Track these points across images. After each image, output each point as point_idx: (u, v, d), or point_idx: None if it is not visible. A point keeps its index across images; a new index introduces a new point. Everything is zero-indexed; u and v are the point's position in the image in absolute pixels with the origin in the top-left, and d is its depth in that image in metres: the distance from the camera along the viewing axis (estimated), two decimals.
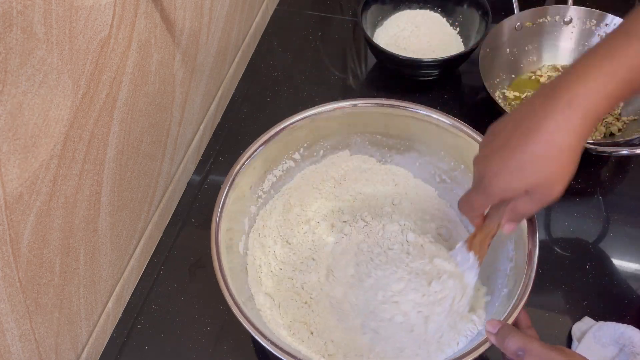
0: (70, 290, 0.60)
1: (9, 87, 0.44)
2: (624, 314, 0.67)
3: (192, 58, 0.76)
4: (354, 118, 0.73)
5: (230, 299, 0.57)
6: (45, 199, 0.52)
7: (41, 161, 0.51)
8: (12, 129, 0.46)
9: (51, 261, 0.55)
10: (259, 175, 0.70)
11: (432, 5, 0.94)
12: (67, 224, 0.57)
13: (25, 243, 0.51)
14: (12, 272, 0.50)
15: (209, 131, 0.86)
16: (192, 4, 0.72)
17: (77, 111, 0.54)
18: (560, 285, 0.70)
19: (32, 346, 0.56)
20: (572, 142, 0.48)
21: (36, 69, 0.47)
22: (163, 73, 0.69)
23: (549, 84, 0.51)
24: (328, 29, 1.00)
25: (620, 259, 0.72)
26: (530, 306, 0.67)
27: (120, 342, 0.69)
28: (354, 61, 0.96)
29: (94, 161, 0.59)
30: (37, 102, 0.48)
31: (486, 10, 0.88)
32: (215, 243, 0.61)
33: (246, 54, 0.94)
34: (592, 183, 0.78)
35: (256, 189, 0.70)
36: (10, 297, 0.51)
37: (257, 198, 0.71)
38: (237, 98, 0.91)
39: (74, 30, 0.51)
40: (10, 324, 0.52)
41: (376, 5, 0.93)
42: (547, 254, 0.72)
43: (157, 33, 0.65)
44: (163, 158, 0.74)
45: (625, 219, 0.75)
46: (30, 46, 0.46)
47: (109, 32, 0.56)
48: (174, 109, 0.74)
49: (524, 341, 0.52)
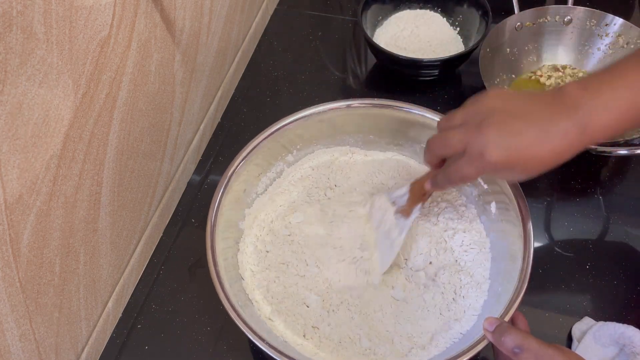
0: (70, 290, 0.60)
1: (9, 87, 0.44)
2: (624, 314, 0.67)
3: (192, 58, 0.76)
4: (348, 118, 0.73)
5: (226, 301, 0.58)
6: (45, 199, 0.52)
7: (41, 161, 0.50)
8: (12, 129, 0.46)
9: (51, 261, 0.55)
10: (254, 176, 0.71)
11: (432, 5, 0.94)
12: (67, 224, 0.57)
13: (25, 243, 0.51)
14: (12, 272, 0.50)
15: (208, 131, 0.86)
16: (192, 4, 0.72)
17: (77, 111, 0.54)
18: (560, 285, 0.70)
19: (32, 346, 0.56)
20: (563, 147, 0.51)
21: (36, 69, 0.47)
22: (163, 73, 0.69)
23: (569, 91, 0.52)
24: (328, 29, 1.00)
25: (620, 259, 0.72)
26: (530, 306, 0.67)
27: (120, 342, 0.69)
28: (354, 61, 0.96)
29: (93, 161, 0.59)
30: (37, 102, 0.48)
31: (486, 10, 0.88)
32: (210, 246, 0.61)
33: (246, 53, 0.94)
34: (592, 183, 0.78)
35: (250, 192, 0.71)
36: (10, 297, 0.51)
37: (251, 201, 0.71)
38: (237, 98, 0.91)
39: (74, 30, 0.50)
40: (10, 324, 0.52)
41: (376, 5, 0.92)
42: (547, 254, 0.72)
43: (157, 33, 0.65)
44: (163, 158, 0.74)
45: (625, 219, 0.75)
46: (30, 46, 0.46)
47: (108, 32, 0.56)
48: (174, 109, 0.74)
49: (521, 338, 0.52)
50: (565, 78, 0.87)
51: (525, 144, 0.51)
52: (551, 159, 0.51)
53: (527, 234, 0.61)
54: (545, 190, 0.78)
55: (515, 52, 0.88)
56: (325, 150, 0.76)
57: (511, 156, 0.51)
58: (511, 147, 0.51)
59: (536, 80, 0.88)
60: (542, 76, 0.88)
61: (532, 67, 0.89)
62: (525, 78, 0.89)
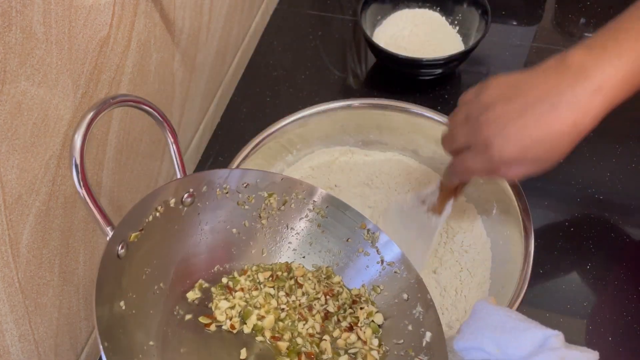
0: (70, 291, 0.60)
1: (8, 87, 0.44)
2: (624, 314, 0.67)
3: (192, 58, 0.76)
4: (348, 118, 0.73)
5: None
6: (44, 199, 0.52)
7: (40, 161, 0.50)
8: (11, 128, 0.46)
9: (50, 261, 0.55)
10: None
11: (431, 4, 0.94)
12: (67, 224, 0.57)
13: (25, 243, 0.51)
14: (11, 272, 0.50)
15: (208, 131, 0.86)
16: (192, 4, 0.72)
17: (76, 111, 0.54)
18: (561, 285, 0.70)
19: (31, 347, 0.56)
20: (579, 116, 0.46)
21: (35, 69, 0.47)
22: (162, 73, 0.69)
23: (572, 58, 0.48)
24: (328, 28, 1.00)
25: (620, 259, 0.72)
26: (530, 306, 0.67)
27: None
28: (354, 61, 0.96)
29: (93, 161, 0.58)
30: (36, 102, 0.48)
31: (486, 9, 0.88)
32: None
33: (246, 53, 0.94)
34: (592, 183, 0.78)
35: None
36: (9, 298, 0.51)
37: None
38: (237, 98, 0.91)
39: (74, 30, 0.50)
40: (9, 325, 0.52)
41: (375, 4, 0.92)
42: (547, 254, 0.72)
43: (156, 32, 0.65)
44: (163, 158, 0.74)
45: (626, 219, 0.75)
46: (29, 46, 0.45)
47: (108, 31, 0.56)
48: (174, 109, 0.74)
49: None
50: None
51: (533, 124, 0.47)
52: (569, 134, 0.47)
53: (528, 234, 0.61)
54: (545, 190, 0.78)
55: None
56: (325, 150, 0.76)
57: (522, 144, 0.47)
58: (518, 135, 0.47)
59: None
60: None
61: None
62: None
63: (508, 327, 0.47)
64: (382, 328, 0.55)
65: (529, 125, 0.47)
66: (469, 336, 0.48)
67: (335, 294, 0.57)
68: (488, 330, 0.47)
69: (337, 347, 0.53)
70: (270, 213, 0.59)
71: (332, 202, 0.59)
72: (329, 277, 0.59)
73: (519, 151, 0.48)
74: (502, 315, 0.48)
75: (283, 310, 0.55)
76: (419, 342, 0.52)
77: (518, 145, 0.48)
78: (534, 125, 0.47)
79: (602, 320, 0.67)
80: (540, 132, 0.47)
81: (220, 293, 0.55)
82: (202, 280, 0.56)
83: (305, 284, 0.57)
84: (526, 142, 0.48)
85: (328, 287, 0.58)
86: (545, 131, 0.47)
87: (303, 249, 0.60)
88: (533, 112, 0.47)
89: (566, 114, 0.46)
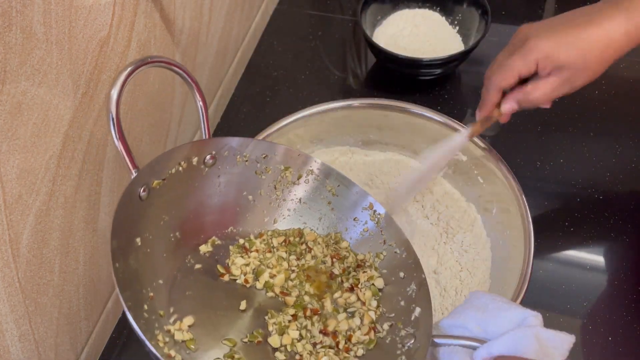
0: (70, 290, 0.60)
1: (9, 87, 0.44)
2: (624, 313, 0.67)
3: (192, 57, 0.76)
4: (348, 118, 0.73)
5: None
6: (44, 199, 0.52)
7: (40, 161, 0.50)
8: (12, 128, 0.46)
9: (50, 261, 0.55)
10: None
11: (431, 4, 0.94)
12: (67, 224, 0.57)
13: (25, 243, 0.51)
14: (12, 272, 0.50)
15: None
16: (192, 4, 0.72)
17: (76, 111, 0.54)
18: (561, 285, 0.70)
19: (31, 346, 0.56)
20: (613, 30, 0.54)
21: (35, 69, 0.47)
22: (162, 73, 0.69)
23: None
24: (328, 28, 1.00)
25: (621, 259, 0.72)
26: (530, 306, 0.67)
27: (120, 342, 0.69)
28: (354, 61, 0.96)
29: (93, 161, 0.58)
30: (37, 102, 0.48)
31: (486, 9, 0.88)
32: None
33: (246, 53, 0.94)
34: (592, 183, 0.78)
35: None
36: (9, 297, 0.51)
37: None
38: (237, 98, 0.91)
39: (74, 30, 0.50)
40: (9, 325, 0.52)
41: (375, 4, 0.92)
42: (547, 254, 0.72)
43: (156, 32, 0.65)
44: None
45: (626, 218, 0.75)
46: (29, 46, 0.45)
47: (108, 31, 0.56)
48: (174, 109, 0.74)
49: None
50: None
51: (573, 32, 0.54)
52: (604, 46, 0.55)
53: (528, 234, 0.61)
54: (545, 190, 0.78)
55: None
56: (325, 150, 0.76)
57: (566, 45, 0.55)
58: (562, 39, 0.55)
59: None
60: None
61: None
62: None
63: (491, 307, 0.50)
64: (382, 292, 0.59)
65: (571, 34, 0.55)
66: (454, 315, 0.52)
67: (341, 257, 0.61)
68: (472, 310, 0.51)
69: (337, 305, 0.57)
70: (285, 185, 0.62)
71: (343, 182, 0.62)
72: (337, 242, 0.62)
73: (577, 55, 0.55)
74: (487, 298, 0.51)
75: (293, 272, 0.59)
76: (409, 316, 0.55)
77: (574, 49, 0.55)
78: (574, 32, 0.55)
79: (602, 320, 0.67)
80: (580, 41, 0.55)
81: (237, 251, 0.59)
82: (216, 237, 0.60)
83: (315, 248, 0.61)
84: (573, 45, 0.55)
85: (335, 251, 0.61)
86: (584, 39, 0.55)
87: (312, 223, 0.63)
88: (571, 24, 0.56)
89: (602, 24, 0.55)
